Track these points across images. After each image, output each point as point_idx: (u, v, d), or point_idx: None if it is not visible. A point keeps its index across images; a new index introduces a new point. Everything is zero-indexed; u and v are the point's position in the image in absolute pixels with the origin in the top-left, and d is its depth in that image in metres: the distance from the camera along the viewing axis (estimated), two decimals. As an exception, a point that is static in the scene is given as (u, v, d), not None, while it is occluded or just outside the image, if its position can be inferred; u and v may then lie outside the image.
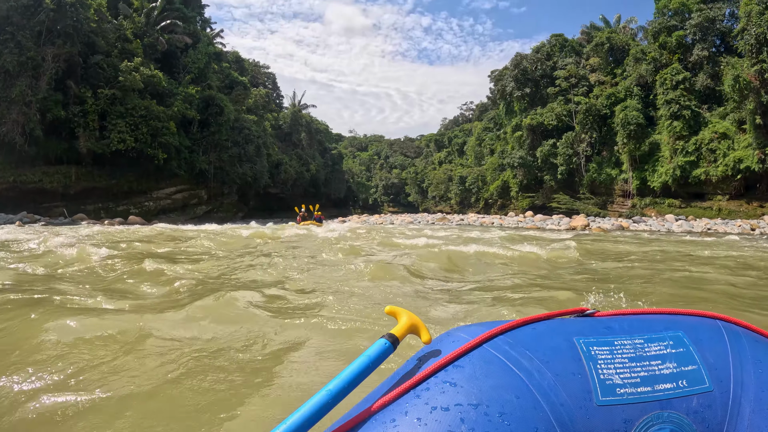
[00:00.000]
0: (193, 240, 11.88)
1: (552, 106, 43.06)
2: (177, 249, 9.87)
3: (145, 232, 16.28)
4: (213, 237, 12.16)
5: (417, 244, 10.67)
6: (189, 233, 15.21)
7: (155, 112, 33.83)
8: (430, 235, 14.66)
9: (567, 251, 9.03)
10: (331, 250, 9.11)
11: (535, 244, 10.37)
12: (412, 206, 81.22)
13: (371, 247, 10.36)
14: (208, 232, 14.67)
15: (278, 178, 60.90)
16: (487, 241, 12.02)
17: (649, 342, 0.66)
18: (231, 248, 10.08)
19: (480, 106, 71.50)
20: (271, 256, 8.55)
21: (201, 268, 6.78)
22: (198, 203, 46.35)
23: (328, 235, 14.10)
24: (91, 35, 31.91)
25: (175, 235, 14.79)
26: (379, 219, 44.43)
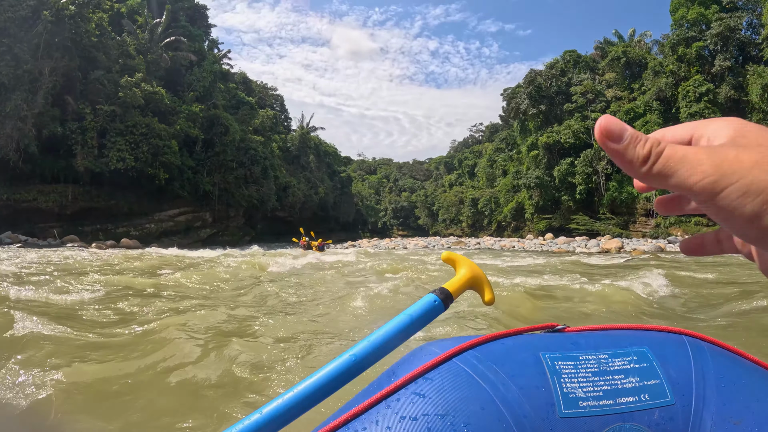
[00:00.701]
0: (169, 272, 9.76)
1: (569, 123, 40.95)
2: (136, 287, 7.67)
3: (124, 259, 14.10)
4: (202, 266, 10.18)
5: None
6: (181, 259, 13.17)
7: (156, 130, 32.21)
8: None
9: (671, 285, 7.59)
10: (363, 298, 6.66)
11: (619, 277, 8.64)
12: (422, 230, 78.78)
13: (413, 285, 7.96)
14: (199, 260, 12.64)
15: (286, 202, 58.99)
16: (554, 270, 10.13)
17: (614, 357, 0.67)
18: (213, 290, 7.87)
19: (490, 127, 69.71)
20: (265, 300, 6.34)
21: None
22: (202, 226, 44.34)
23: (343, 266, 11.87)
24: (91, 50, 30.63)
25: (158, 263, 12.67)
26: (390, 243, 41.97)
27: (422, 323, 0.66)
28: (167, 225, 39.39)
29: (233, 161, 41.98)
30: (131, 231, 36.15)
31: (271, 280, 8.30)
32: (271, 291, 6.60)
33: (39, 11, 26.94)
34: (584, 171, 40.29)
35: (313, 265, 11.82)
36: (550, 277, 7.80)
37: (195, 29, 40.45)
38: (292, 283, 8.09)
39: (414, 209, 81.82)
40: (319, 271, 9.88)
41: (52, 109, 28.99)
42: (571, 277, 8.45)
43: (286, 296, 6.00)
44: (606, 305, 5.88)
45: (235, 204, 46.17)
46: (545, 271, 10.22)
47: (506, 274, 9.62)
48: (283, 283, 7.56)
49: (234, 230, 49.26)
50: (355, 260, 13.31)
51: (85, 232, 32.70)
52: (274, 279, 8.44)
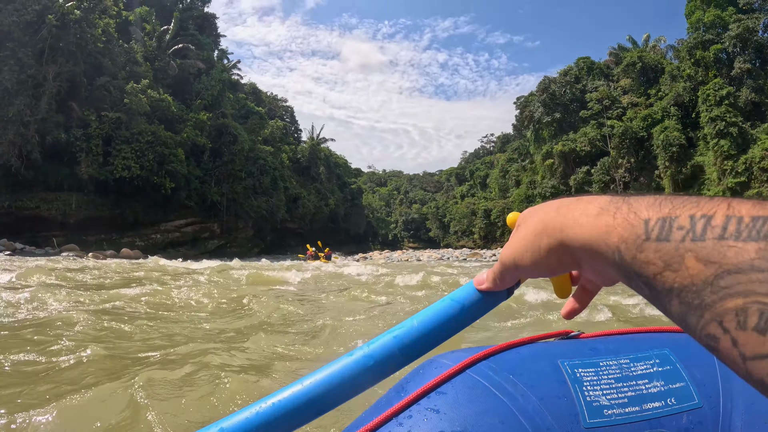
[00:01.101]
0: (155, 284, 8.51)
1: (585, 130, 39.47)
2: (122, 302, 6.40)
3: (116, 270, 12.93)
4: (202, 277, 8.98)
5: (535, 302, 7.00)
6: (176, 270, 11.96)
7: (162, 138, 31.40)
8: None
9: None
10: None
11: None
12: (433, 242, 77.12)
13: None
14: (201, 271, 11.45)
15: (296, 213, 57.92)
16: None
17: (635, 361, 0.64)
18: (207, 306, 6.58)
19: (502, 138, 68.30)
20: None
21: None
22: (210, 237, 43.31)
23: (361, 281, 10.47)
24: (97, 56, 30.06)
25: (152, 273, 11.49)
26: (402, 255, 40.40)
27: (477, 313, 0.55)
28: (174, 235, 38.42)
29: (242, 171, 41.07)
30: (137, 241, 35.20)
31: (296, 298, 7.01)
32: (294, 313, 5.27)
33: (44, 16, 26.43)
34: (601, 179, 38.64)
35: (333, 277, 10.54)
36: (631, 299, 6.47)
37: (204, 38, 39.98)
38: (314, 302, 6.80)
39: (425, 221, 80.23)
40: (343, 288, 8.57)
41: (56, 115, 28.32)
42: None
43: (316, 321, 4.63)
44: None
45: (243, 215, 45.18)
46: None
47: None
48: (307, 305, 6.24)
49: (243, 242, 48.15)
50: (376, 273, 11.97)
51: (89, 242, 31.80)
52: (298, 298, 7.14)
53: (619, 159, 37.82)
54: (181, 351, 3.15)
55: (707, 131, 33.94)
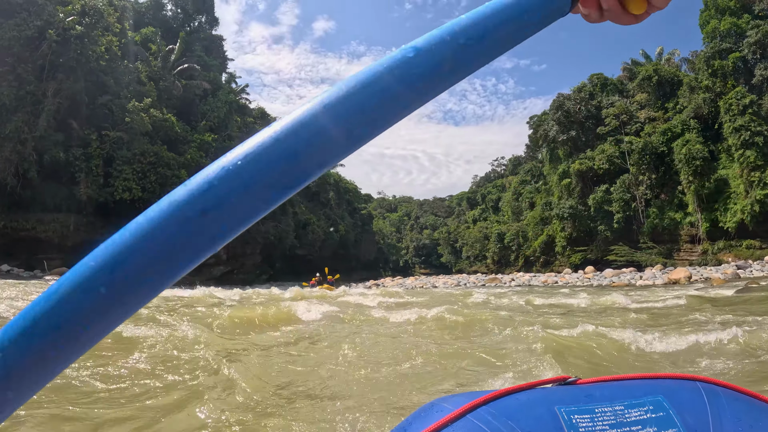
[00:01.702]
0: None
1: (603, 147, 37.56)
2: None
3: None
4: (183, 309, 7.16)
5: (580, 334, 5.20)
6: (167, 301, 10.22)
7: (165, 159, 30.14)
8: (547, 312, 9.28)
9: None
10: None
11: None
12: (445, 267, 74.52)
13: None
14: (183, 301, 9.69)
15: (305, 239, 56.15)
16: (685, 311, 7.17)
17: (630, 408, 0.63)
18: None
19: (513, 160, 66.56)
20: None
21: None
22: (215, 263, 41.50)
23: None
24: (99, 74, 29.22)
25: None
26: (416, 282, 37.93)
27: (536, 21, 0.37)
28: (177, 260, 36.87)
29: (247, 194, 39.75)
30: (137, 265, 33.75)
31: (318, 339, 5.27)
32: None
33: (45, 31, 25.72)
34: (621, 198, 36.42)
35: (353, 309, 8.55)
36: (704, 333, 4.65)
37: (210, 59, 39.37)
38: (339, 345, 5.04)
39: (436, 247, 77.85)
40: (371, 324, 6.66)
41: (55, 133, 27.26)
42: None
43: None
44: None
45: (250, 240, 43.52)
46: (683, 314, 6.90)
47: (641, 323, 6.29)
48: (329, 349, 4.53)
49: (250, 268, 46.34)
50: (398, 308, 9.94)
51: (88, 266, 30.28)
52: (320, 337, 5.36)
53: (639, 176, 35.70)
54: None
55: (731, 142, 31.90)
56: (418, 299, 11.43)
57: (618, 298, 10.91)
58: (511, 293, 16.32)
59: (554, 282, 27.09)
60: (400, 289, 23.62)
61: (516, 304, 10.60)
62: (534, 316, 7.87)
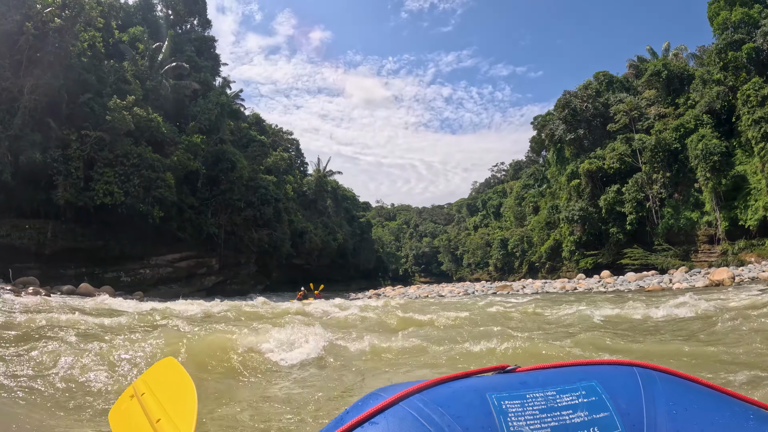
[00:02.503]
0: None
1: (614, 145, 35.30)
2: None
3: (41, 309, 8.66)
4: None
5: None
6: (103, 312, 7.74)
7: (149, 161, 27.61)
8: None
9: None
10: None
11: None
12: (445, 275, 71.87)
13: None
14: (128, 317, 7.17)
15: (302, 248, 53.33)
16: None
17: (562, 393, 0.66)
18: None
19: (514, 165, 64.38)
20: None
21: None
22: (207, 273, 38.59)
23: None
24: (81, 71, 26.82)
25: (64, 321, 7.37)
26: (418, 291, 34.81)
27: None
28: (165, 271, 33.89)
29: (240, 201, 37.02)
30: (122, 276, 30.83)
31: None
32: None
33: (24, 25, 23.41)
34: (634, 198, 34.10)
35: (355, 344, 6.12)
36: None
37: (202, 60, 37.09)
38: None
39: (436, 255, 75.21)
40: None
41: (32, 133, 24.69)
42: None
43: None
44: None
45: (243, 249, 40.77)
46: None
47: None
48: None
49: (245, 278, 43.50)
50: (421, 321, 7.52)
51: (68, 276, 27.45)
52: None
53: (653, 174, 33.44)
54: None
55: (751, 135, 29.71)
56: (441, 316, 8.84)
57: (697, 304, 8.38)
58: (539, 302, 13.83)
59: (573, 288, 24.55)
60: (402, 300, 21.10)
61: (570, 319, 8.02)
62: (635, 338, 5.46)
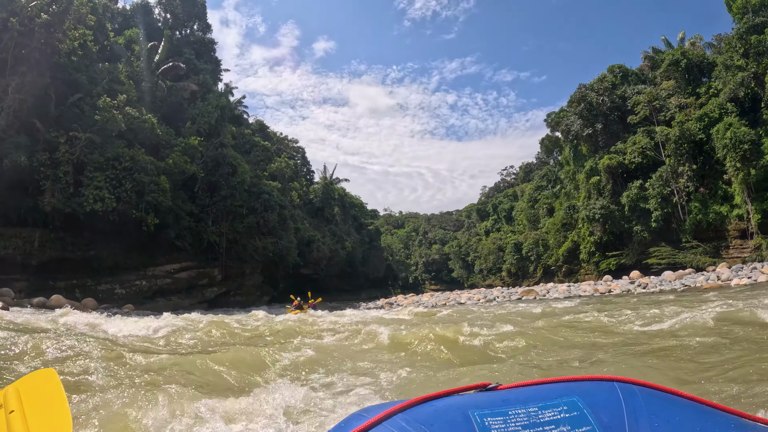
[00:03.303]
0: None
1: (635, 138, 32.75)
2: None
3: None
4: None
5: None
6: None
7: (142, 163, 25.59)
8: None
9: None
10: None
11: None
12: (457, 282, 69.05)
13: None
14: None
15: (310, 257, 50.90)
16: None
17: (544, 409, 0.65)
18: None
19: (524, 167, 61.87)
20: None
21: None
22: (208, 284, 36.10)
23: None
24: (72, 71, 25.04)
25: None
26: (436, 299, 31.91)
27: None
28: (163, 282, 31.58)
29: (242, 207, 34.82)
30: (117, 288, 28.63)
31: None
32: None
33: (8, 21, 21.67)
34: (659, 193, 31.43)
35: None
36: None
37: (201, 63, 35.33)
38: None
39: (446, 262, 72.52)
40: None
41: (17, 135, 22.80)
42: None
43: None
44: None
45: (247, 258, 38.47)
46: None
47: None
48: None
49: (250, 289, 41.06)
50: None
51: (58, 288, 25.26)
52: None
53: (678, 167, 30.81)
54: None
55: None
56: (490, 338, 6.54)
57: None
58: (585, 308, 11.38)
59: (607, 291, 21.84)
60: (422, 309, 18.60)
61: (686, 328, 5.73)
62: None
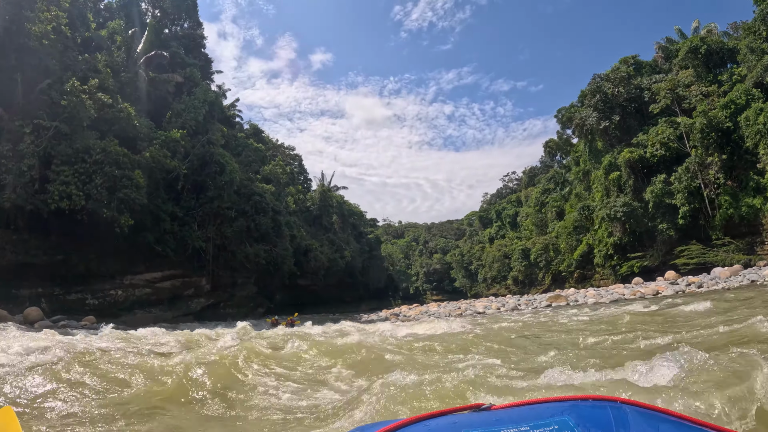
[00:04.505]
0: None
1: (658, 129, 29.63)
2: None
3: None
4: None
5: None
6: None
7: (114, 155, 22.20)
8: None
9: None
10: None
11: None
12: (459, 292, 65.26)
13: None
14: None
15: (308, 267, 47.09)
16: None
17: (535, 428, 0.65)
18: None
19: (528, 171, 58.81)
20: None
21: None
22: (194, 295, 32.05)
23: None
24: (43, 56, 21.81)
25: None
26: (446, 308, 26.69)
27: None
28: (142, 292, 27.72)
29: (231, 209, 31.28)
30: (88, 298, 24.85)
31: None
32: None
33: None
34: (686, 187, 28.20)
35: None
36: None
37: (189, 59, 32.22)
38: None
39: (448, 271, 68.86)
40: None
41: (-33, 124, 19.55)
42: None
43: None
44: None
45: (240, 268, 34.75)
46: None
47: None
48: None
49: (242, 301, 37.11)
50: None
51: (21, 298, 21.72)
52: None
53: (707, 157, 27.62)
54: None
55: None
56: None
57: None
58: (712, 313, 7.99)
59: (653, 293, 18.33)
60: (439, 326, 15.10)
61: None
62: None
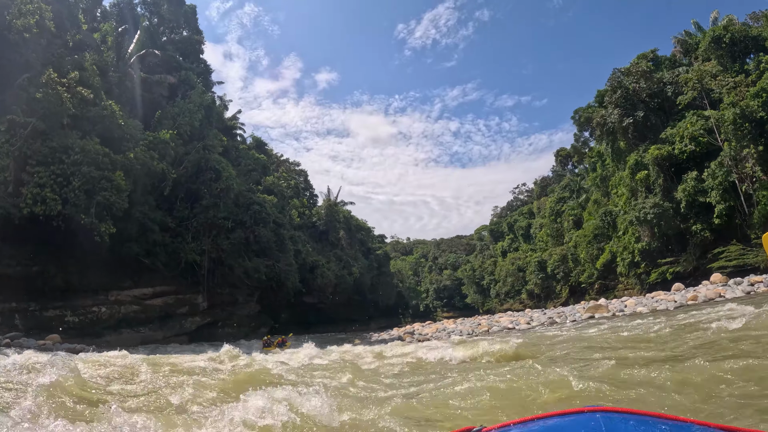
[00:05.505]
0: None
1: (687, 122, 26.83)
2: None
3: None
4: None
5: None
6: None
7: (92, 154, 19.88)
8: None
9: None
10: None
11: None
12: (471, 308, 61.60)
13: None
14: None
15: (314, 284, 44.03)
16: None
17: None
18: None
19: (541, 182, 55.92)
20: None
21: None
22: (189, 313, 28.99)
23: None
24: (25, 52, 19.85)
25: None
26: (466, 325, 22.80)
27: None
28: (130, 310, 24.91)
29: (228, 220, 28.69)
30: (68, 315, 22.11)
31: None
32: None
33: None
34: (721, 183, 25.16)
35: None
36: None
37: (186, 63, 30.33)
38: None
39: (459, 287, 65.46)
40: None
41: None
42: None
43: None
44: None
45: (240, 284, 31.88)
46: None
47: None
48: None
49: (242, 320, 34.01)
50: None
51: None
52: None
53: (743, 149, 24.64)
54: None
55: None
56: None
57: None
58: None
59: (716, 296, 15.23)
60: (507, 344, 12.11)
61: None
62: None
